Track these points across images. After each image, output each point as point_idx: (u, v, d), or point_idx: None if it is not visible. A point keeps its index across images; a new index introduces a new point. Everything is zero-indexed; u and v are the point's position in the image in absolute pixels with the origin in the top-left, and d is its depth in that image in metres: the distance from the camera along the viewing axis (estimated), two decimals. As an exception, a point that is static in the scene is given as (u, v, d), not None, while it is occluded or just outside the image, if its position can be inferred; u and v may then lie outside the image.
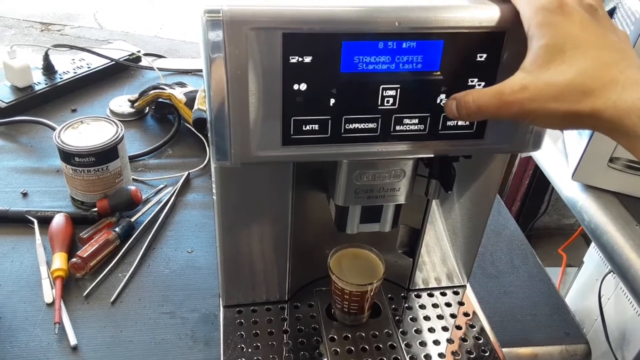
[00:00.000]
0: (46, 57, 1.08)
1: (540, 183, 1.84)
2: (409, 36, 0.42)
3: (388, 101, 0.45)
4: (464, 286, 0.71)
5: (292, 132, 0.45)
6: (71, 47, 1.17)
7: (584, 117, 0.37)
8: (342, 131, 0.46)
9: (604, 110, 0.36)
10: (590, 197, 0.81)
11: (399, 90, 0.44)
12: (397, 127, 0.46)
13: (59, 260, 0.70)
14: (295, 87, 0.43)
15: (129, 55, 1.19)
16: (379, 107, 0.45)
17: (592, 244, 1.21)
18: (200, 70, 1.20)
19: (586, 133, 0.80)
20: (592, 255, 1.20)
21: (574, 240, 1.74)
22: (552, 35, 0.38)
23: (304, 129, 0.45)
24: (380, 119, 0.46)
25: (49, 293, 0.68)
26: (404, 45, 0.42)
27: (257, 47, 0.40)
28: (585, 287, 1.20)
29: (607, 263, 1.09)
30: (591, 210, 0.80)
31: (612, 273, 1.05)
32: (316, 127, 0.45)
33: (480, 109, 0.40)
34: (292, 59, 0.41)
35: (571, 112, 0.37)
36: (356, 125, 0.46)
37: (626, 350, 1.01)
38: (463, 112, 0.42)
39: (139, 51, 1.21)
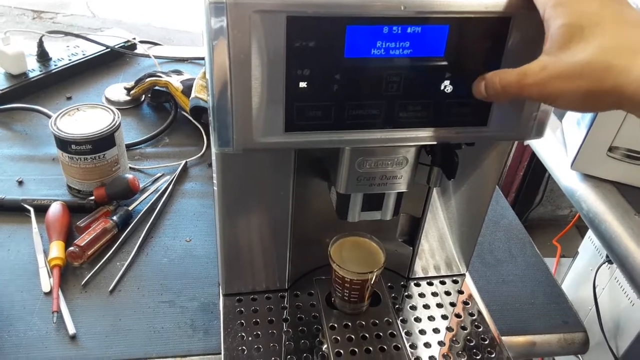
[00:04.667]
0: (40, 44, 1.07)
1: (535, 174, 1.85)
2: (414, 21, 0.42)
3: (392, 87, 0.44)
4: (463, 275, 0.71)
5: (294, 118, 0.44)
6: (66, 34, 1.16)
7: (607, 95, 0.36)
8: (345, 117, 0.45)
9: (628, 85, 0.35)
10: (589, 186, 0.81)
11: (403, 76, 0.44)
12: (401, 114, 0.46)
13: (56, 249, 0.70)
14: (299, 72, 0.42)
15: (124, 42, 1.17)
16: (383, 93, 0.45)
17: (587, 235, 1.21)
18: (197, 58, 1.20)
19: (585, 122, 0.80)
20: (587, 246, 1.20)
21: (568, 231, 1.76)
22: (569, 14, 0.37)
23: (306, 115, 0.44)
24: (383, 105, 0.45)
25: (46, 282, 0.67)
26: (408, 30, 0.42)
27: (261, 31, 0.40)
28: (580, 277, 1.20)
29: (601, 253, 1.10)
30: (590, 199, 0.80)
31: (606, 263, 1.06)
32: (319, 113, 0.45)
33: (505, 89, 0.41)
34: (296, 43, 0.41)
35: (593, 90, 0.36)
36: (359, 112, 0.45)
37: (620, 340, 1.02)
38: (490, 91, 0.42)
39: (134, 38, 1.19)
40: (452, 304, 0.67)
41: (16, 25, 3.32)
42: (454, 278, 0.71)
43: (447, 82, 0.45)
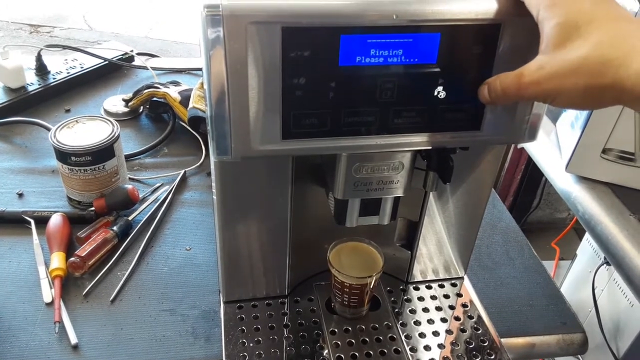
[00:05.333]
0: (39, 58, 1.08)
1: (532, 178, 1.86)
2: (407, 29, 0.43)
3: (386, 94, 0.45)
4: (461, 278, 0.72)
5: (291, 126, 0.45)
6: (64, 47, 1.17)
7: (606, 90, 0.36)
8: (341, 124, 0.46)
9: (626, 79, 0.35)
10: (584, 188, 0.82)
11: (396, 83, 0.45)
12: (396, 120, 0.47)
13: (57, 260, 0.70)
14: (295, 81, 0.43)
15: (122, 54, 1.18)
16: (378, 100, 0.45)
17: (585, 237, 1.22)
18: (194, 69, 1.21)
19: (579, 124, 0.81)
20: (585, 248, 1.21)
21: (567, 234, 1.76)
22: (563, 13, 0.38)
23: (303, 122, 0.45)
24: (378, 112, 0.46)
25: (48, 293, 0.68)
26: (401, 39, 0.43)
27: (257, 42, 0.41)
28: (579, 279, 1.21)
29: (600, 255, 1.10)
30: (585, 201, 0.81)
31: (604, 265, 1.07)
32: (315, 120, 0.45)
33: (505, 92, 0.42)
34: (291, 53, 0.42)
35: (592, 86, 0.37)
36: (355, 119, 0.46)
37: (620, 341, 1.02)
38: (492, 95, 0.43)
39: (132, 50, 1.21)
40: (451, 307, 0.67)
41: (13, 39, 3.34)
42: (453, 281, 0.71)
43: (440, 88, 0.46)
